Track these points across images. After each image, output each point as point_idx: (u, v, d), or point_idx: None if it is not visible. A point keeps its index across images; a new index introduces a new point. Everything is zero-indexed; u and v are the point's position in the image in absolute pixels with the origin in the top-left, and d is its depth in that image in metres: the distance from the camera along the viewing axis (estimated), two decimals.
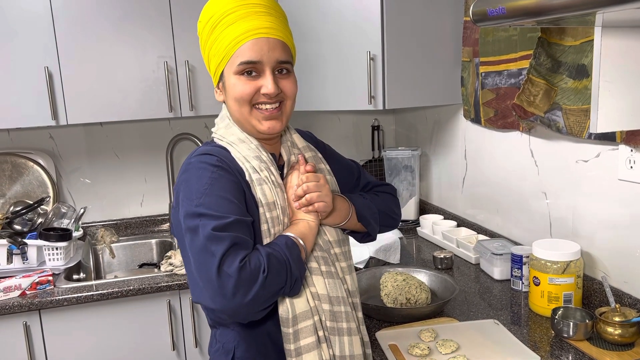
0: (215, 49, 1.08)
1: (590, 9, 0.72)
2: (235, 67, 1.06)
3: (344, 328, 1.09)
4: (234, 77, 1.08)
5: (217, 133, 1.17)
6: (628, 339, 1.31)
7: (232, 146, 1.12)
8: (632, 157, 1.39)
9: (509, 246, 1.82)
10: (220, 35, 1.07)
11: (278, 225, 1.09)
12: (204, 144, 1.18)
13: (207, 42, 1.10)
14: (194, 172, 1.04)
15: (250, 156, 1.10)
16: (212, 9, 1.09)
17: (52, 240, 2.03)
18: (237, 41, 1.05)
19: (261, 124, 1.10)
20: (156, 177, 2.61)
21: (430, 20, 2.07)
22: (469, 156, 2.18)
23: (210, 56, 1.11)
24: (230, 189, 1.03)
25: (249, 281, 0.95)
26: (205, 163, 1.05)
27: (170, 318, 1.99)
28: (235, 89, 1.08)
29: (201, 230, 0.97)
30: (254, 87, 1.07)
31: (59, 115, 2.12)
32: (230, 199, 1.01)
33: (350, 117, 2.84)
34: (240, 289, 0.94)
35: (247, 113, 1.10)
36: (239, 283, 0.94)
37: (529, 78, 1.67)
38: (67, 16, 2.07)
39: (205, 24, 1.10)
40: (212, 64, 1.12)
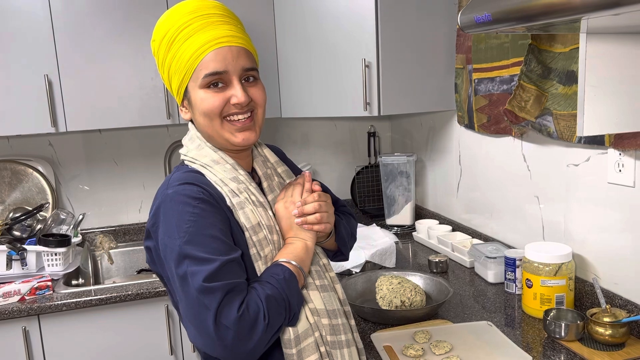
0: (176, 65, 1.03)
1: (572, 15, 0.75)
2: (200, 80, 1.01)
3: (343, 341, 1.09)
4: (200, 92, 1.02)
5: (187, 155, 1.09)
6: (618, 339, 1.34)
7: (206, 169, 1.06)
8: (620, 160, 1.42)
9: (502, 250, 1.84)
10: (179, 51, 1.01)
11: (268, 245, 1.06)
12: (175, 169, 1.11)
13: (166, 60, 1.04)
14: (174, 205, 0.97)
15: (226, 178, 1.05)
16: (165, 25, 1.03)
17: (51, 246, 2.04)
18: (199, 54, 1.00)
19: (235, 137, 1.05)
20: (154, 184, 2.63)
21: (424, 28, 2.11)
22: (464, 162, 2.21)
23: (171, 74, 1.05)
24: (214, 223, 0.98)
25: (250, 329, 0.92)
26: (185, 196, 0.98)
27: (168, 323, 2.01)
28: (203, 104, 1.02)
29: (191, 280, 0.93)
30: (223, 99, 1.03)
31: (59, 123, 2.14)
32: (216, 236, 0.97)
33: (346, 123, 2.87)
34: (241, 339, 0.92)
35: (218, 127, 1.05)
36: (239, 333, 0.91)
37: (520, 84, 1.70)
38: (67, 24, 2.10)
39: (161, 41, 1.04)
40: (173, 82, 1.05)
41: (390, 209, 2.56)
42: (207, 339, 0.91)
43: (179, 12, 1.02)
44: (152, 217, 1.01)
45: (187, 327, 0.97)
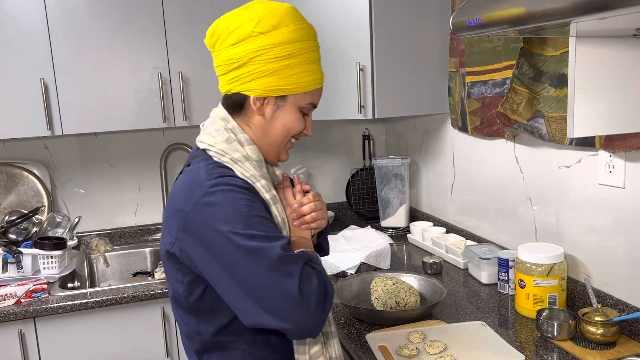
0: (292, 73, 1.07)
1: (560, 19, 0.77)
2: (304, 104, 1.11)
3: (333, 331, 1.15)
4: (295, 110, 1.11)
5: (215, 147, 1.09)
6: (610, 338, 1.36)
7: (237, 164, 1.07)
8: (611, 162, 1.44)
9: (496, 251, 1.86)
10: (302, 66, 1.08)
11: None
12: (199, 160, 1.10)
13: (282, 60, 1.06)
14: (224, 195, 1.00)
15: (257, 175, 1.08)
16: (295, 34, 1.07)
17: (47, 249, 2.05)
18: (315, 82, 1.11)
19: (285, 155, 1.16)
20: (150, 187, 2.64)
21: (418, 32, 2.13)
22: (457, 164, 2.23)
23: (278, 73, 1.07)
24: (263, 209, 1.04)
25: (324, 295, 0.99)
26: (234, 185, 1.02)
27: (164, 325, 2.01)
28: (295, 124, 1.12)
29: (267, 252, 0.95)
30: (304, 126, 1.14)
31: (54, 126, 2.15)
32: (271, 219, 1.04)
33: (341, 126, 2.89)
34: (320, 305, 0.97)
35: (285, 143, 1.14)
36: (319, 299, 0.97)
37: (513, 87, 1.73)
38: (63, 28, 2.11)
39: (286, 43, 1.06)
40: (274, 79, 1.07)
41: (384, 211, 2.57)
42: (288, 306, 0.95)
43: (308, 32, 1.09)
44: (193, 206, 1.00)
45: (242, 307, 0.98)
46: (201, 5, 2.25)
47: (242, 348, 1.10)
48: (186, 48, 2.26)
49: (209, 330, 1.09)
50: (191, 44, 2.26)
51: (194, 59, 2.27)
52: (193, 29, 2.25)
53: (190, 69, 2.28)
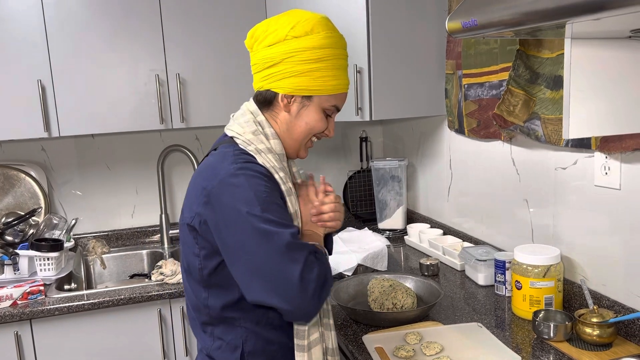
0: (320, 76, 1.16)
1: (555, 20, 0.77)
2: (328, 105, 1.19)
3: (331, 324, 1.24)
4: (319, 111, 1.19)
5: (242, 136, 1.18)
6: (606, 340, 1.36)
7: (260, 154, 1.16)
8: (606, 163, 1.45)
9: (492, 252, 1.86)
10: (330, 71, 1.16)
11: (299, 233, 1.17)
12: (227, 146, 1.19)
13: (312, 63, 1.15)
14: (247, 179, 1.09)
15: (277, 167, 1.16)
16: (326, 41, 1.16)
17: (44, 250, 2.04)
18: (341, 87, 1.19)
19: (305, 152, 1.25)
20: (147, 189, 2.64)
21: (414, 34, 2.13)
22: (454, 166, 2.24)
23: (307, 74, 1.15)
24: (279, 198, 1.13)
25: (323, 285, 1.07)
26: (257, 172, 1.11)
27: (161, 327, 2.01)
28: (318, 123, 1.20)
29: (278, 236, 1.04)
30: (326, 126, 1.22)
31: (51, 128, 2.15)
32: (286, 209, 1.13)
33: (338, 128, 2.89)
34: (316, 293, 1.05)
35: (304, 140, 1.22)
36: (317, 288, 1.05)
37: (509, 89, 1.73)
38: (60, 29, 2.11)
39: (317, 48, 1.15)
40: (303, 79, 1.16)
41: (382, 213, 2.58)
42: (288, 289, 1.03)
43: (338, 41, 1.19)
44: (217, 186, 1.09)
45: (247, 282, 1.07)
46: (198, 7, 2.25)
47: (246, 326, 1.17)
48: (184, 50, 2.26)
49: (217, 304, 1.16)
50: (189, 46, 2.26)
51: (191, 60, 2.27)
52: (190, 30, 2.26)
53: (188, 70, 2.28)
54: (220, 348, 1.19)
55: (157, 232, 2.65)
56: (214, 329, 1.20)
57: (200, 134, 2.66)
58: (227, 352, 1.18)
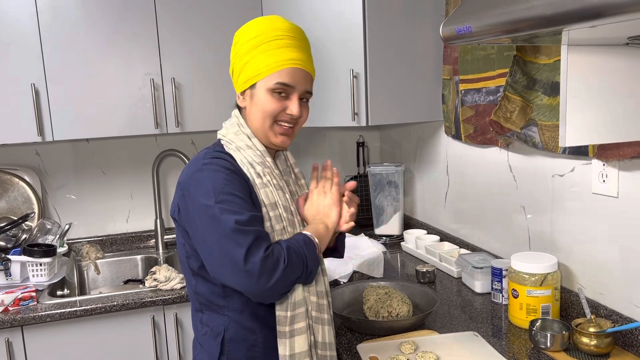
0: (255, 62, 1.20)
1: (549, 27, 0.76)
2: (272, 84, 1.20)
3: (325, 319, 1.25)
4: (266, 93, 1.21)
5: (225, 137, 1.27)
6: (603, 350, 1.34)
7: (239, 151, 1.24)
8: (604, 171, 1.43)
9: (489, 260, 1.84)
10: (264, 53, 1.20)
11: (282, 222, 1.23)
12: (213, 145, 1.29)
13: (247, 54, 1.21)
14: (209, 173, 1.16)
15: (255, 162, 1.23)
16: (259, 28, 1.21)
17: (36, 256, 2.02)
18: (280, 64, 1.20)
19: (277, 138, 1.26)
20: (142, 193, 2.62)
21: (411, 39, 2.12)
22: (451, 172, 2.22)
23: (247, 67, 1.22)
24: (242, 189, 1.17)
25: (272, 269, 1.10)
26: (220, 166, 1.18)
27: (154, 333, 1.99)
28: (266, 105, 1.22)
29: (224, 222, 1.11)
30: (281, 106, 1.23)
31: (45, 132, 2.13)
32: (244, 198, 1.16)
33: (336, 133, 2.88)
34: (264, 275, 1.09)
35: (268, 126, 1.24)
36: (263, 270, 1.09)
37: (506, 95, 1.72)
38: (55, 33, 2.09)
39: (249, 39, 1.21)
40: (245, 73, 1.23)
41: (378, 218, 2.56)
42: (236, 272, 1.10)
43: (273, 24, 1.21)
44: (187, 180, 1.19)
45: (212, 264, 1.16)
46: (194, 11, 2.24)
47: (229, 314, 1.23)
48: (179, 54, 2.24)
49: (204, 291, 1.24)
50: (184, 50, 2.25)
51: (186, 65, 2.26)
52: (186, 34, 2.24)
53: (183, 75, 2.26)
54: (206, 334, 1.26)
55: (152, 237, 2.62)
56: (203, 315, 1.27)
57: (196, 139, 2.64)
58: (210, 339, 1.24)
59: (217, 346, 1.23)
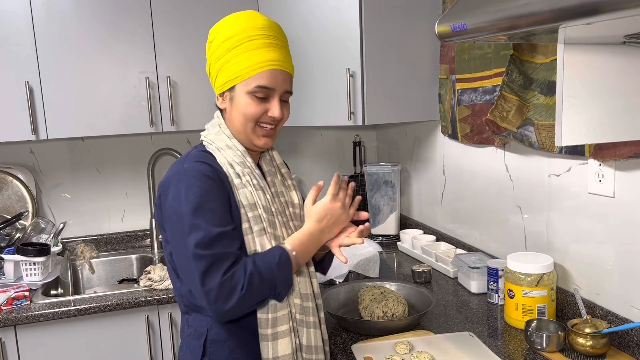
0: (233, 65, 1.18)
1: (545, 24, 0.75)
2: (251, 87, 1.19)
3: (310, 321, 1.24)
4: (246, 96, 1.20)
5: (207, 138, 1.27)
6: (599, 350, 1.33)
7: (219, 151, 1.23)
8: (600, 171, 1.43)
9: (485, 260, 1.84)
10: (241, 55, 1.18)
11: (261, 222, 1.21)
12: (194, 147, 1.29)
13: (223, 56, 1.19)
14: (186, 178, 1.15)
15: (235, 161, 1.22)
16: (234, 28, 1.18)
17: (30, 255, 2.01)
18: (259, 67, 1.18)
19: (259, 140, 1.25)
20: (137, 193, 2.60)
21: (408, 38, 2.11)
22: (448, 171, 2.21)
23: (223, 69, 1.20)
24: (217, 198, 1.15)
25: (228, 295, 1.10)
26: (197, 172, 1.16)
27: (149, 333, 1.97)
28: (247, 108, 1.21)
29: (189, 241, 1.11)
30: (263, 109, 1.21)
31: (39, 130, 2.12)
32: (215, 210, 1.14)
33: (332, 133, 2.87)
34: (220, 300, 1.10)
35: (250, 128, 1.23)
36: (219, 295, 1.10)
37: (502, 94, 1.71)
38: (49, 30, 2.08)
39: (226, 39, 1.19)
40: (222, 75, 1.21)
41: (375, 218, 2.55)
42: (195, 289, 1.13)
43: (249, 23, 1.19)
44: (166, 183, 1.18)
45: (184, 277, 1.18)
46: (190, 9, 2.22)
47: (210, 315, 1.21)
48: (175, 52, 2.23)
49: (187, 292, 1.24)
50: (180, 49, 2.24)
51: (182, 63, 2.25)
52: (182, 33, 2.23)
53: (179, 73, 2.25)
54: (189, 335, 1.26)
55: (147, 237, 2.61)
56: (188, 317, 1.28)
57: (192, 138, 2.63)
58: (194, 339, 1.24)
59: (199, 347, 1.23)
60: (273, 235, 1.22)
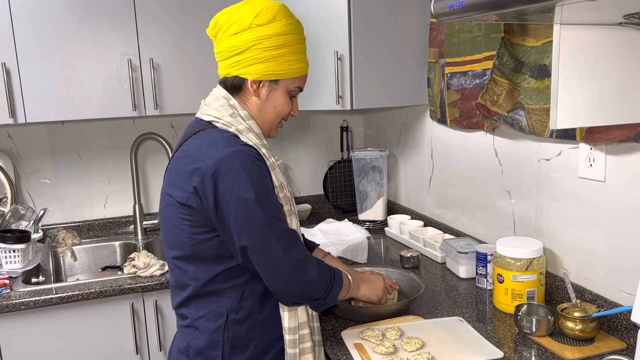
0: (284, 60, 1.24)
1: (546, 1, 0.72)
2: (293, 87, 1.29)
3: (318, 340, 1.33)
4: (285, 93, 1.29)
5: (222, 119, 1.25)
6: (588, 334, 1.34)
7: (242, 134, 1.23)
8: (591, 155, 1.42)
9: (474, 245, 1.83)
10: (293, 55, 1.25)
11: (288, 203, 1.26)
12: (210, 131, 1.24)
13: (278, 49, 1.23)
14: (242, 162, 1.15)
15: (259, 144, 1.24)
16: (289, 27, 1.24)
17: (9, 242, 1.96)
18: (303, 69, 1.29)
19: (275, 132, 1.35)
20: (120, 178, 2.55)
21: (397, 21, 2.08)
22: (436, 157, 2.20)
23: (273, 60, 1.23)
24: (270, 181, 1.21)
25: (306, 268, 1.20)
26: (251, 155, 1.18)
27: (134, 321, 1.94)
28: (284, 105, 1.30)
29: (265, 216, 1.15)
30: (291, 107, 1.32)
31: (17, 114, 2.05)
32: (275, 191, 1.21)
33: (319, 118, 2.83)
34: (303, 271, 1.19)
35: (277, 122, 1.32)
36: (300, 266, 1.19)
37: (493, 78, 1.69)
38: (26, 9, 2.00)
39: (281, 34, 1.23)
40: (269, 65, 1.24)
41: (362, 204, 2.53)
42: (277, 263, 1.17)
43: (299, 26, 1.27)
44: (212, 169, 1.15)
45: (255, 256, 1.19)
46: None
47: (231, 296, 1.24)
48: (158, 34, 2.17)
49: (205, 276, 1.23)
50: (163, 30, 2.17)
51: (165, 45, 2.19)
52: (165, 13, 2.17)
53: (162, 55, 2.19)
54: (204, 317, 1.25)
55: (131, 223, 2.56)
56: (199, 300, 1.26)
57: (176, 122, 2.57)
58: (210, 321, 1.24)
59: (219, 328, 1.24)
60: (295, 215, 1.29)
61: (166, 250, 1.30)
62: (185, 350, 1.28)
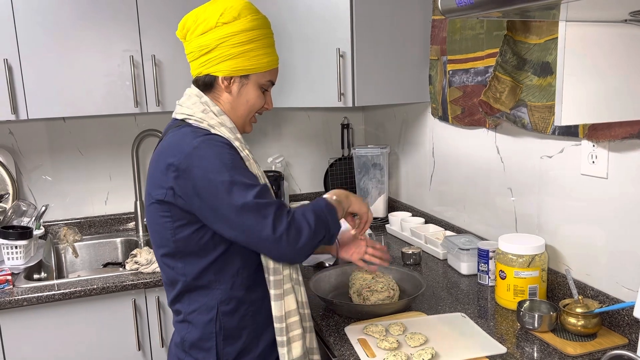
0: (253, 56, 1.26)
1: None
2: (264, 81, 1.30)
3: (300, 280, 1.34)
4: (256, 88, 1.30)
5: (194, 116, 1.26)
6: (590, 330, 1.34)
7: (213, 129, 1.25)
8: (594, 152, 1.43)
9: (475, 241, 1.84)
10: (261, 50, 1.27)
11: None
12: (181, 127, 1.26)
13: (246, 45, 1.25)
14: (210, 149, 1.17)
15: (231, 138, 1.25)
16: (255, 22, 1.26)
17: (11, 238, 1.96)
18: (273, 63, 1.30)
19: (249, 127, 1.36)
20: (121, 175, 2.55)
21: (399, 18, 2.08)
22: (437, 154, 2.20)
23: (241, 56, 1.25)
24: (242, 161, 1.22)
25: (297, 235, 1.17)
26: (219, 142, 1.20)
27: (136, 317, 1.94)
28: (256, 99, 1.31)
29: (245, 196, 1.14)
30: (264, 101, 1.34)
31: (19, 110, 2.05)
32: (249, 170, 1.21)
33: (320, 115, 2.84)
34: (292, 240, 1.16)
35: (250, 117, 1.34)
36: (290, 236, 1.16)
37: (496, 75, 1.70)
38: (29, 6, 2.00)
39: (247, 30, 1.25)
40: (237, 61, 1.25)
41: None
42: (267, 242, 1.15)
43: (265, 21, 1.29)
44: (184, 161, 1.17)
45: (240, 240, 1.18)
46: None
47: (221, 288, 1.26)
48: (159, 30, 2.17)
49: (193, 271, 1.25)
50: (165, 26, 2.17)
51: (167, 42, 2.19)
52: (167, 10, 2.17)
53: (164, 52, 2.19)
54: (195, 311, 1.27)
55: (132, 220, 2.56)
56: (190, 294, 1.28)
57: None
58: (202, 314, 1.26)
59: (211, 320, 1.26)
60: None
61: (154, 248, 1.32)
62: (181, 344, 1.30)
